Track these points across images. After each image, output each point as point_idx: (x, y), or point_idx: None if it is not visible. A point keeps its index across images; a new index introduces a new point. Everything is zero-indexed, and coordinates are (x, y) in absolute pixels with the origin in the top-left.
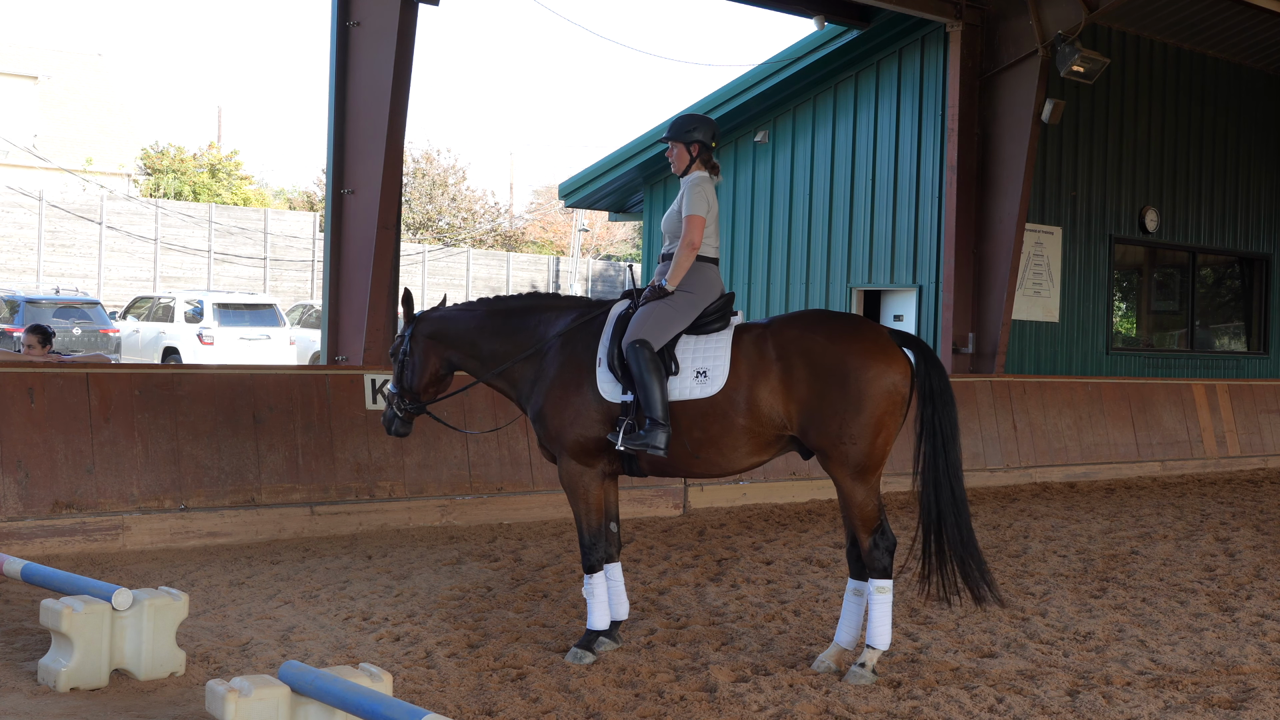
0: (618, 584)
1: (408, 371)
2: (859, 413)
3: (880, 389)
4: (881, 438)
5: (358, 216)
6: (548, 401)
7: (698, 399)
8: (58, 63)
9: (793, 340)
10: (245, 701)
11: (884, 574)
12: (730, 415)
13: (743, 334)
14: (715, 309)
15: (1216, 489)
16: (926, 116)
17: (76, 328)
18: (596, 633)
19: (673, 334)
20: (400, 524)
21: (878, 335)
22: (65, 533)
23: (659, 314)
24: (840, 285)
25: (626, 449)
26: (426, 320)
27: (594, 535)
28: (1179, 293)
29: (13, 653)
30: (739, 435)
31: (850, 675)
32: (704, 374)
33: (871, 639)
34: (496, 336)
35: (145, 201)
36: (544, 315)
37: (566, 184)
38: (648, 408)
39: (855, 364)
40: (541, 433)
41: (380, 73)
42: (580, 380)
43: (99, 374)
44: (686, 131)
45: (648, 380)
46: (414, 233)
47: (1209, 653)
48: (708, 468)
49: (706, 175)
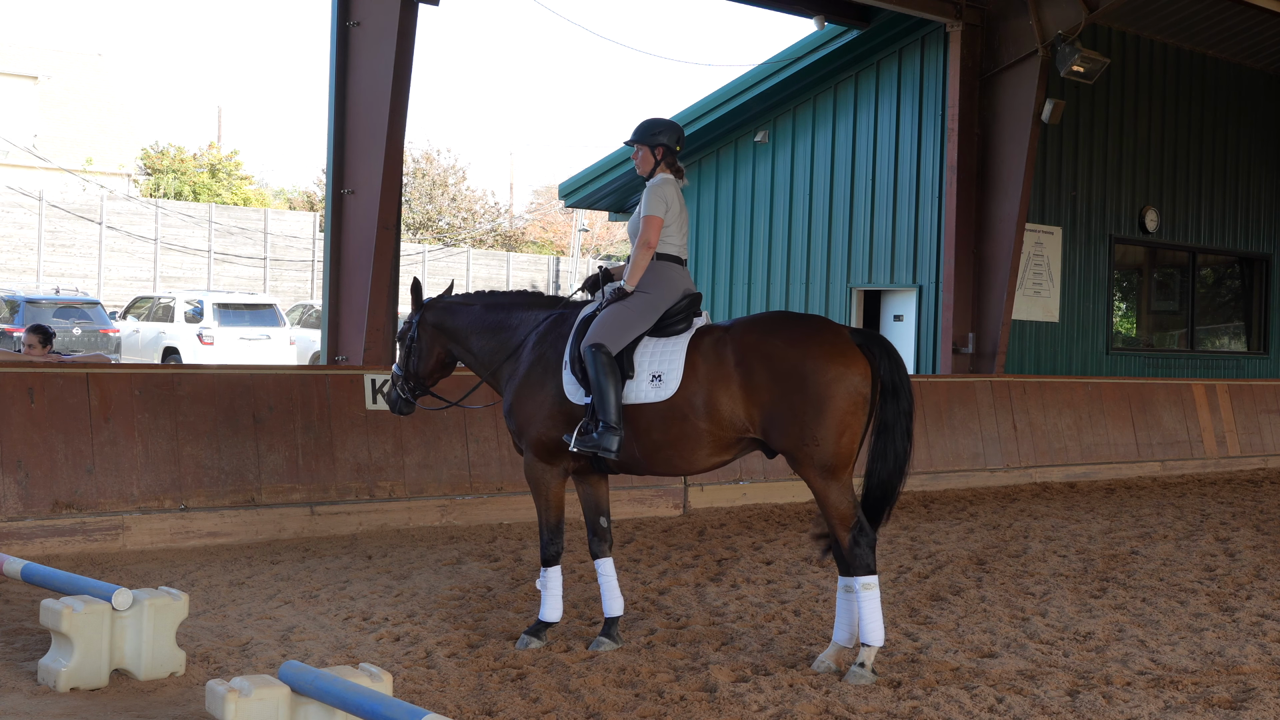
0: (610, 579)
1: (414, 357)
2: (821, 414)
3: (841, 390)
4: (846, 438)
5: (358, 216)
6: (515, 399)
7: (653, 402)
8: (58, 63)
9: (752, 344)
10: (245, 701)
11: (868, 571)
12: (689, 418)
13: (702, 337)
14: (679, 309)
15: (1216, 489)
16: (926, 116)
17: (76, 328)
18: (546, 624)
19: (632, 336)
20: (400, 524)
21: (837, 337)
22: (65, 533)
23: (617, 317)
24: (840, 285)
25: (578, 450)
26: (433, 309)
27: (552, 531)
28: (1179, 293)
29: (13, 653)
30: (699, 438)
31: (850, 675)
32: (659, 378)
33: (865, 636)
34: (486, 334)
35: (145, 201)
36: (525, 315)
37: (566, 184)
38: (601, 411)
39: (814, 366)
40: (510, 429)
41: (380, 73)
42: (546, 380)
43: (99, 374)
44: (651, 135)
45: (602, 384)
46: (414, 233)
47: (1209, 653)
48: (668, 468)
49: (670, 178)
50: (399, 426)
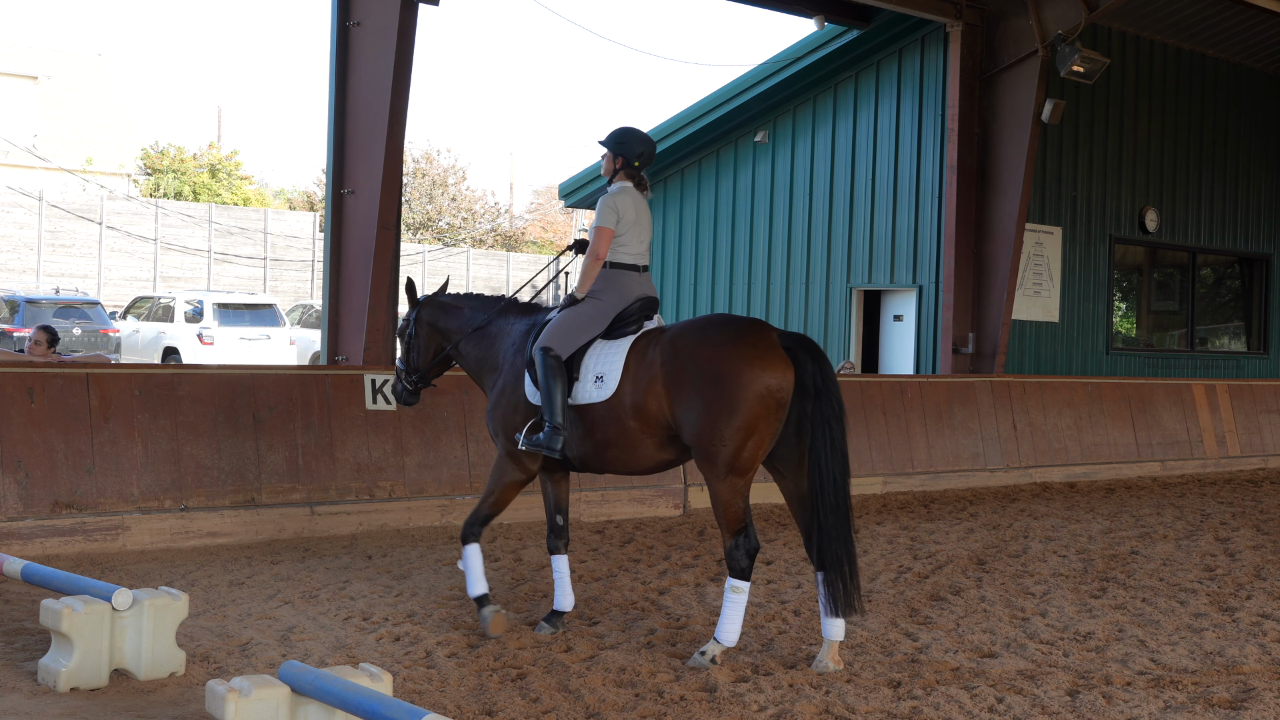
0: (564, 576)
1: (413, 352)
2: (731, 415)
3: (753, 393)
4: (752, 441)
5: (358, 216)
6: (493, 401)
7: (596, 402)
8: (58, 63)
9: (680, 345)
10: (245, 701)
11: (742, 575)
12: (623, 418)
13: (642, 339)
14: (632, 313)
15: (1216, 489)
16: (926, 116)
17: (76, 328)
18: (477, 599)
19: (582, 340)
20: (400, 524)
21: (761, 340)
22: (65, 533)
23: (568, 321)
24: (840, 285)
25: (526, 449)
26: (429, 306)
27: (484, 519)
28: (1179, 293)
29: (13, 653)
30: (634, 436)
31: (692, 659)
32: (602, 379)
33: (719, 633)
34: (473, 342)
35: (145, 201)
36: (505, 323)
37: (566, 184)
38: (548, 412)
39: (730, 368)
40: (489, 431)
41: (380, 73)
42: (516, 383)
43: (99, 374)
44: (619, 142)
45: (549, 385)
46: (414, 233)
47: (1209, 653)
48: (617, 466)
49: (629, 186)
50: (399, 426)
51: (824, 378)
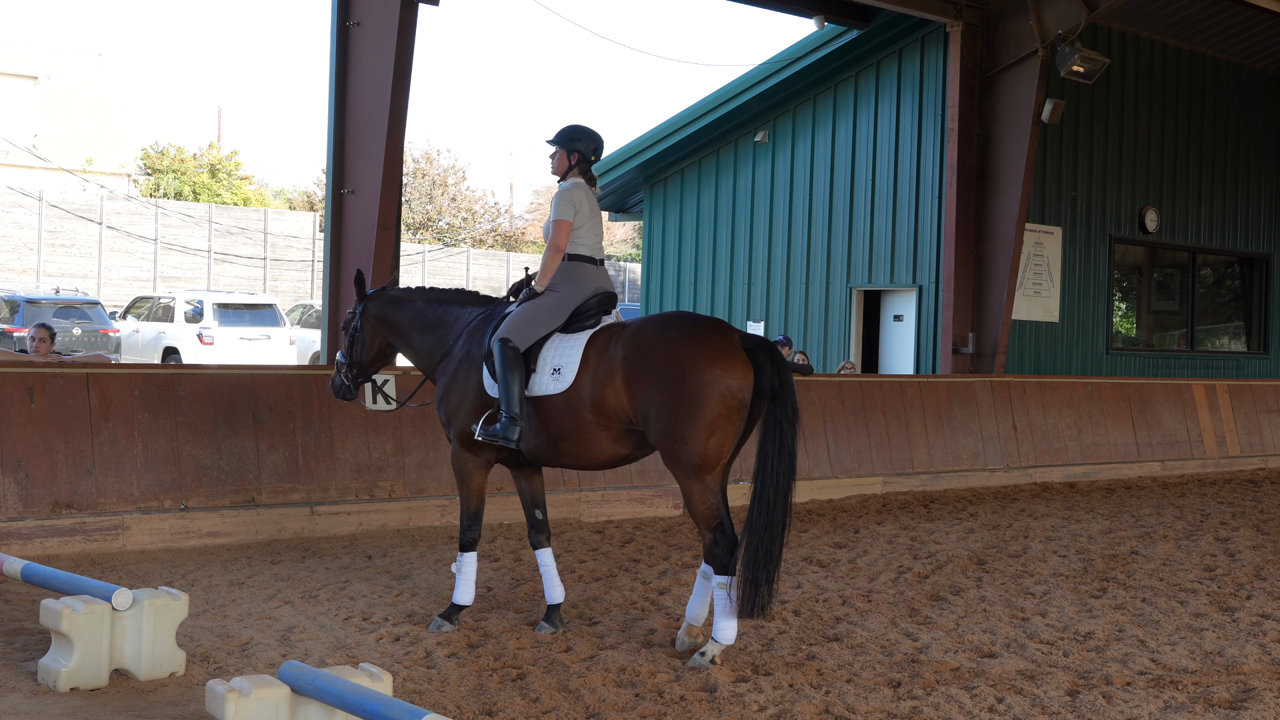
0: (550, 569)
1: (357, 346)
2: (694, 414)
3: (715, 392)
4: (715, 439)
5: (358, 216)
6: (444, 391)
7: (552, 394)
8: (58, 63)
9: (641, 341)
10: (245, 701)
11: (724, 570)
12: (580, 410)
13: (600, 333)
14: (590, 307)
15: (1216, 489)
16: (926, 116)
17: (76, 328)
18: (460, 606)
19: (541, 333)
20: (400, 524)
21: (723, 340)
22: (65, 533)
23: (527, 313)
24: (840, 285)
25: (482, 439)
26: (376, 300)
27: (471, 518)
28: (1179, 293)
29: (13, 653)
30: (590, 429)
31: (692, 660)
32: (559, 371)
33: (716, 633)
34: (426, 331)
35: (145, 201)
36: (460, 312)
37: None
38: (505, 403)
39: (692, 366)
40: (441, 420)
41: (380, 73)
42: (471, 374)
43: (99, 374)
44: (570, 140)
45: (506, 377)
46: (414, 233)
47: (1209, 653)
48: (571, 459)
49: (581, 182)
50: (399, 426)
51: (781, 381)
